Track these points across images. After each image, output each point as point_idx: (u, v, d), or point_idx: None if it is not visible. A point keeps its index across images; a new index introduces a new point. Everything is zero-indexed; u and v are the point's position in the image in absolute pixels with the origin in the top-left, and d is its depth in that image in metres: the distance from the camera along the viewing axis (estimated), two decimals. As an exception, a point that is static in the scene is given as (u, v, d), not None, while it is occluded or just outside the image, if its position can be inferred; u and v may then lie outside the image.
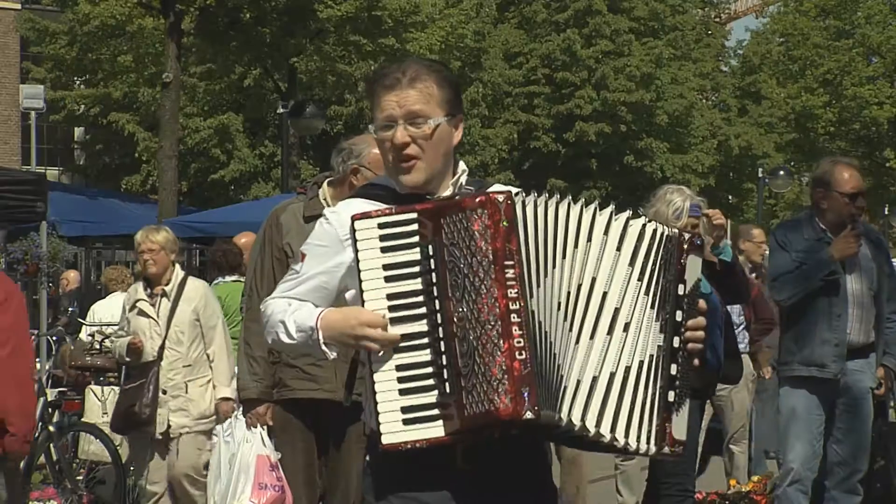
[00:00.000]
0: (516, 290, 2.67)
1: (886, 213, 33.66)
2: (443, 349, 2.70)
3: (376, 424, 2.73)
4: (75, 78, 28.37)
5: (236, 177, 27.50)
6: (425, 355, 2.72)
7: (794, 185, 36.69)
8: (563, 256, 2.75)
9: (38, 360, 9.63)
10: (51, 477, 8.28)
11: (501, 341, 2.66)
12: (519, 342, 2.66)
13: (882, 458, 6.71)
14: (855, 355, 6.27)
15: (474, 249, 2.69)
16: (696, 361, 2.86)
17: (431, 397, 2.70)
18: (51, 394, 8.67)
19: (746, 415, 9.27)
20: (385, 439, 2.72)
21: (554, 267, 2.74)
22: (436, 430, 2.69)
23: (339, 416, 4.95)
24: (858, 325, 6.27)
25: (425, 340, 2.72)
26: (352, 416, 4.94)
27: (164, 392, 7.11)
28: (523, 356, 2.65)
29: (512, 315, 2.67)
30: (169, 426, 7.12)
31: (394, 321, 2.73)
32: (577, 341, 2.75)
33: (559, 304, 2.73)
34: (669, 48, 31.85)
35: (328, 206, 5.07)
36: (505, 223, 2.69)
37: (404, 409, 2.70)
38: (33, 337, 8.99)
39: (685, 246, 2.86)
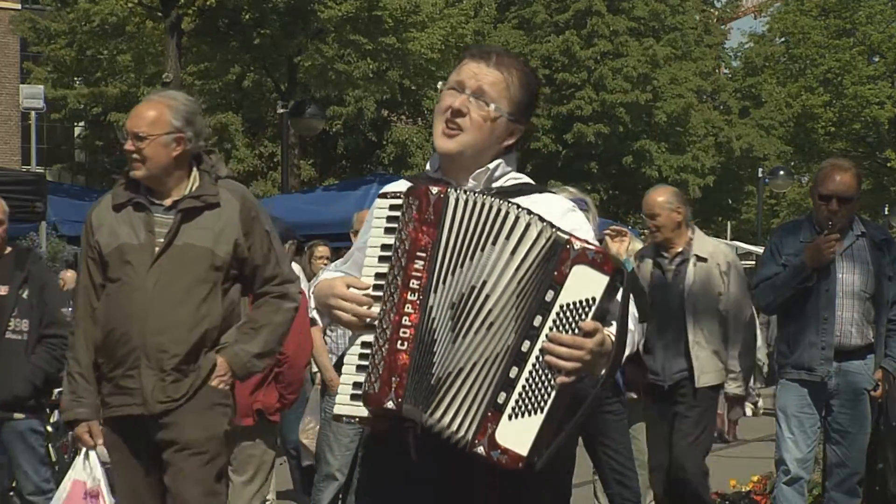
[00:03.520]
0: (418, 283, 2.74)
1: (886, 212, 33.63)
2: (376, 334, 2.79)
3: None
4: (75, 78, 28.36)
5: (234, 176, 27.42)
6: (375, 337, 2.80)
7: (795, 184, 36.68)
8: (471, 258, 2.74)
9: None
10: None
11: (390, 330, 2.75)
12: (404, 333, 2.74)
13: (881, 462, 6.70)
14: (851, 357, 6.27)
15: (404, 238, 2.77)
16: (564, 378, 2.68)
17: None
18: (50, 394, 8.67)
19: None
20: (335, 409, 2.82)
21: (461, 266, 2.75)
22: (364, 410, 2.78)
23: (158, 429, 4.52)
24: (851, 328, 6.26)
25: (377, 322, 2.79)
26: (166, 427, 4.48)
27: None
28: (404, 347, 2.73)
29: (406, 306, 2.74)
30: None
31: (375, 300, 2.81)
32: (454, 341, 2.74)
33: (453, 304, 2.74)
34: (668, 48, 31.82)
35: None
36: (430, 216, 2.75)
37: (355, 385, 2.79)
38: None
39: (570, 253, 2.69)
